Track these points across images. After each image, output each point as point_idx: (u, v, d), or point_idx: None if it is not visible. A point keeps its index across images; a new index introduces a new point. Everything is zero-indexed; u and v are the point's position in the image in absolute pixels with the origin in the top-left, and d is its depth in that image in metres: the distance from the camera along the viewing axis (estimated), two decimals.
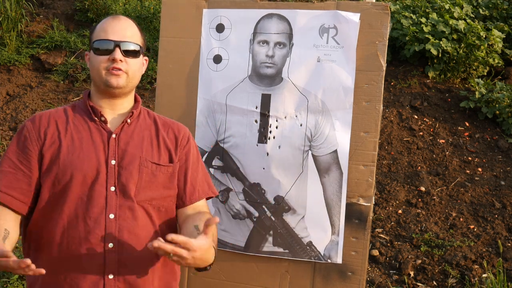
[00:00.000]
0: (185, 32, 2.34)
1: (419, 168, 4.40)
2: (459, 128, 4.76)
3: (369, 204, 2.17)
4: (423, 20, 5.19)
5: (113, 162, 1.69)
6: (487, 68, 5.22)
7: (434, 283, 3.47)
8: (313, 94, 2.20)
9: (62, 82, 5.56)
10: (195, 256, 1.50)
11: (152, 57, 5.47)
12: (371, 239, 3.80)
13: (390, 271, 3.59)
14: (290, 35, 2.23)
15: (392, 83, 5.24)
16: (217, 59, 2.31)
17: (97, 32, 1.75)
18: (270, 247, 2.25)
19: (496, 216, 3.95)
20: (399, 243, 3.78)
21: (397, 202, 4.12)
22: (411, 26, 5.19)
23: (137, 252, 1.68)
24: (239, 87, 2.28)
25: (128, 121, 1.77)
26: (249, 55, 2.27)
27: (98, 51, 1.72)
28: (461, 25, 5.07)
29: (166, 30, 2.36)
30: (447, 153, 4.52)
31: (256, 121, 2.25)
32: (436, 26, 5.13)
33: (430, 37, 5.07)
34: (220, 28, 2.31)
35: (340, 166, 2.18)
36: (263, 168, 2.23)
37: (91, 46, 1.75)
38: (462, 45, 5.05)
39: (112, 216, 1.64)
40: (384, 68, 2.16)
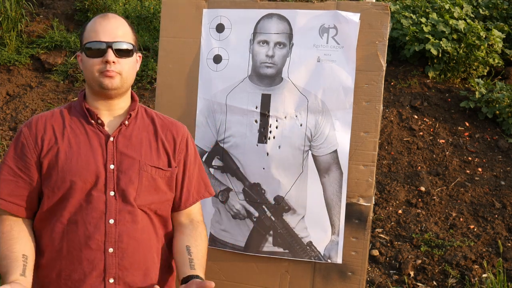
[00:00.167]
0: (185, 32, 2.34)
1: (419, 168, 4.40)
2: (459, 128, 4.76)
3: (369, 204, 2.17)
4: (423, 20, 5.19)
5: (112, 167, 1.67)
6: (487, 68, 5.22)
7: (434, 283, 3.47)
8: (313, 94, 2.20)
9: (62, 82, 5.56)
10: None
11: (152, 57, 5.47)
12: (371, 239, 3.80)
13: (390, 271, 3.59)
14: (290, 35, 2.23)
15: (392, 83, 5.24)
16: (217, 59, 2.31)
17: (88, 33, 1.70)
18: (270, 247, 2.24)
19: (496, 216, 3.96)
20: (399, 243, 3.78)
21: (397, 202, 4.12)
22: (411, 26, 5.19)
23: (137, 256, 1.68)
24: (239, 87, 2.28)
25: (126, 123, 1.74)
26: (249, 55, 2.27)
27: (90, 53, 1.67)
28: (461, 25, 5.07)
29: (166, 30, 2.36)
30: (447, 153, 4.52)
31: (256, 121, 2.25)
32: (436, 26, 5.13)
33: (430, 37, 5.06)
34: (220, 28, 2.31)
35: (340, 166, 2.18)
36: (263, 168, 2.23)
37: (82, 48, 1.71)
38: (462, 45, 5.05)
39: (112, 221, 1.64)
40: (384, 68, 2.16)
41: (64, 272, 1.64)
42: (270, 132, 2.24)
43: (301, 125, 2.21)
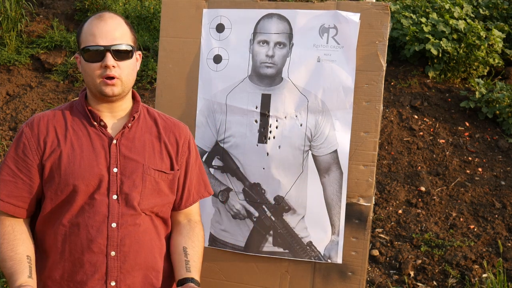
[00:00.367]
0: (185, 32, 2.34)
1: (419, 168, 4.40)
2: (459, 128, 4.76)
3: (369, 204, 2.17)
4: (423, 20, 5.19)
5: (115, 170, 1.65)
6: (487, 68, 5.22)
7: (434, 283, 3.47)
8: (313, 94, 2.20)
9: (62, 82, 5.56)
10: None
11: (152, 57, 5.47)
12: (371, 239, 3.80)
13: (390, 271, 3.59)
14: (290, 35, 2.23)
15: (392, 83, 5.24)
16: (217, 59, 2.31)
17: (85, 36, 1.64)
18: (270, 247, 2.24)
19: (496, 216, 3.95)
20: (399, 243, 3.78)
21: (397, 202, 4.12)
22: (411, 26, 5.19)
23: (139, 258, 1.67)
24: (239, 87, 2.27)
25: (129, 125, 1.71)
26: (249, 55, 2.27)
27: (89, 58, 1.63)
28: (461, 25, 5.07)
29: (166, 30, 2.36)
30: (447, 153, 4.52)
31: (256, 121, 2.25)
32: (436, 26, 5.13)
33: (430, 37, 5.06)
34: (220, 28, 2.31)
35: (340, 166, 2.18)
36: (263, 168, 2.23)
37: (80, 52, 1.66)
38: (462, 45, 5.05)
39: (114, 225, 1.63)
40: (384, 68, 2.15)
41: (67, 274, 1.64)
42: (270, 132, 2.24)
43: (301, 125, 2.21)
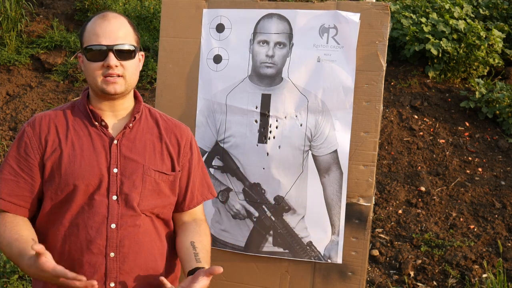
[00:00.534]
0: (185, 32, 2.34)
1: (419, 168, 4.40)
2: (459, 128, 4.76)
3: (369, 204, 2.17)
4: (423, 20, 5.19)
5: (115, 171, 1.65)
6: (487, 68, 5.22)
7: (434, 283, 3.47)
8: (313, 94, 2.20)
9: (62, 82, 5.56)
10: None
11: (152, 57, 5.47)
12: (371, 239, 3.80)
13: (390, 271, 3.59)
14: (290, 35, 2.23)
15: (392, 83, 5.24)
16: (217, 59, 2.31)
17: (88, 35, 1.64)
18: (270, 247, 2.24)
19: (496, 216, 3.95)
20: (399, 243, 3.78)
21: (397, 202, 4.12)
22: (411, 26, 5.19)
23: (139, 260, 1.66)
24: (239, 87, 2.27)
25: (130, 125, 1.71)
26: (249, 55, 2.27)
27: (91, 57, 1.63)
28: (461, 25, 5.07)
29: (166, 30, 2.36)
30: (447, 153, 4.52)
31: (256, 121, 2.25)
32: (436, 26, 5.13)
33: (430, 37, 5.06)
34: (220, 28, 2.31)
35: (340, 166, 2.18)
36: (263, 168, 2.23)
37: (83, 51, 1.66)
38: (462, 45, 5.05)
39: (114, 226, 1.62)
40: (384, 68, 2.15)
41: None
42: (270, 132, 2.24)
43: (301, 125, 2.21)
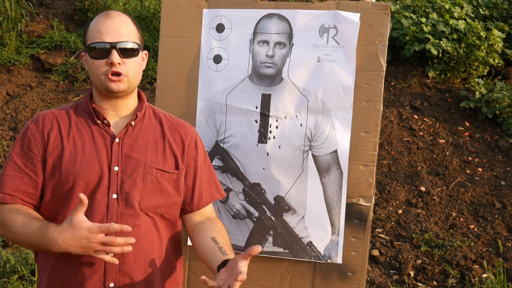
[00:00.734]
0: (185, 32, 2.34)
1: (419, 168, 4.40)
2: (459, 128, 4.76)
3: (369, 204, 2.17)
4: (423, 20, 5.19)
5: (116, 169, 1.64)
6: (487, 68, 5.22)
7: (434, 283, 3.47)
8: (313, 94, 2.20)
9: (62, 82, 5.56)
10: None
11: (152, 57, 5.47)
12: (371, 239, 3.80)
13: (390, 271, 3.59)
14: (290, 35, 2.23)
15: (392, 83, 5.24)
16: (217, 59, 2.31)
17: (91, 33, 1.65)
18: (270, 247, 2.24)
19: (496, 216, 3.96)
20: (399, 243, 3.78)
21: (397, 202, 4.12)
22: (411, 26, 5.19)
23: (139, 261, 1.65)
24: (239, 87, 2.27)
25: (132, 124, 1.70)
26: (249, 55, 2.27)
27: (94, 55, 1.63)
28: (461, 25, 5.07)
29: (166, 30, 2.36)
30: (447, 153, 4.52)
31: (256, 121, 2.25)
32: (436, 26, 5.13)
33: (430, 37, 5.06)
34: (220, 28, 2.31)
35: (340, 166, 2.18)
36: (263, 168, 2.23)
37: (86, 49, 1.67)
38: (462, 45, 5.05)
39: None
40: (384, 68, 2.15)
41: (67, 275, 1.62)
42: (270, 132, 2.24)
43: (301, 125, 2.21)
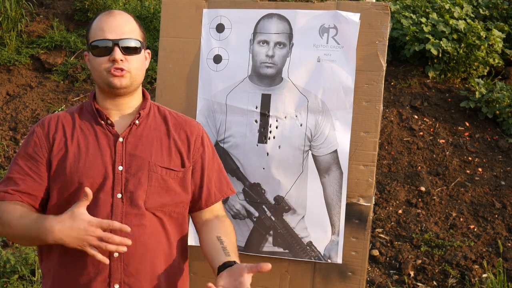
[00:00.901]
0: (185, 32, 2.34)
1: (419, 168, 4.40)
2: (459, 128, 4.76)
3: (369, 204, 2.17)
4: (423, 20, 5.19)
5: (120, 168, 1.63)
6: (487, 68, 5.22)
7: (434, 283, 3.47)
8: (313, 94, 2.20)
9: (62, 82, 5.56)
10: None
11: (152, 57, 5.47)
12: (371, 239, 3.80)
13: (390, 271, 3.59)
14: (290, 35, 2.23)
15: (392, 83, 5.24)
16: (217, 59, 2.31)
17: (94, 31, 1.65)
18: (270, 247, 2.24)
19: (496, 216, 3.96)
20: (399, 243, 3.78)
21: (397, 202, 4.12)
22: (411, 26, 5.19)
23: (144, 262, 1.63)
24: (239, 87, 2.28)
25: (136, 122, 1.69)
26: (249, 55, 2.27)
27: (97, 52, 1.63)
28: (461, 25, 5.07)
29: (166, 30, 2.36)
30: (447, 153, 4.52)
31: (256, 121, 2.25)
32: (436, 26, 5.13)
33: (430, 37, 5.06)
34: (220, 28, 2.31)
35: (340, 166, 2.18)
36: (263, 168, 2.23)
37: (89, 47, 1.67)
38: (462, 45, 5.05)
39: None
40: (384, 68, 2.15)
41: (71, 276, 1.61)
42: (270, 132, 2.24)
43: (301, 125, 2.21)
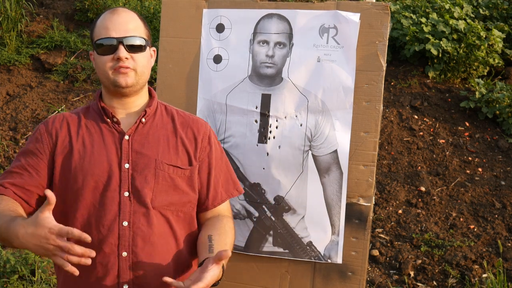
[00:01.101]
0: (185, 32, 2.34)
1: (419, 168, 4.40)
2: (459, 128, 4.76)
3: (369, 204, 2.17)
4: (423, 20, 5.19)
5: (127, 166, 1.61)
6: (487, 68, 5.23)
7: (434, 283, 3.47)
8: (313, 94, 2.20)
9: (62, 82, 5.56)
10: (209, 285, 1.49)
11: None
12: (371, 239, 3.80)
13: (390, 271, 3.59)
14: (290, 35, 2.23)
15: (392, 83, 5.24)
16: (217, 59, 2.31)
17: (98, 30, 1.64)
18: (270, 247, 2.24)
19: (496, 216, 3.96)
20: (399, 243, 3.78)
21: (397, 202, 4.12)
22: (411, 26, 5.19)
23: (153, 261, 1.61)
24: (239, 87, 2.28)
25: (143, 121, 1.68)
26: (249, 55, 2.27)
27: (101, 51, 1.62)
28: (461, 25, 5.07)
29: (166, 30, 2.36)
30: (447, 153, 4.52)
31: (256, 121, 2.25)
32: (436, 26, 5.13)
33: (430, 37, 5.06)
34: (220, 28, 2.31)
35: (340, 166, 2.18)
36: (263, 168, 2.23)
37: (93, 46, 1.66)
38: (462, 45, 5.05)
39: (126, 224, 1.58)
40: (384, 68, 2.15)
41: (81, 275, 1.56)
42: (270, 132, 2.24)
43: (301, 125, 2.21)
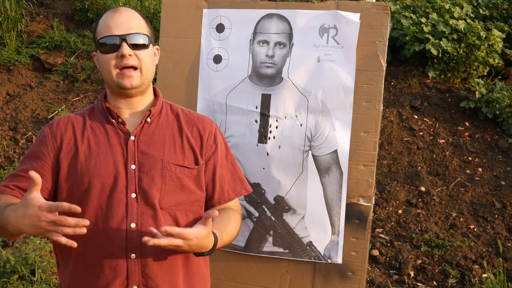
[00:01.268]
0: (185, 32, 2.34)
1: (419, 168, 4.40)
2: (459, 128, 4.76)
3: (369, 204, 2.17)
4: (423, 20, 5.19)
5: (133, 167, 1.59)
6: (487, 68, 5.22)
7: (434, 283, 3.47)
8: (313, 94, 2.20)
9: (62, 82, 5.56)
10: (191, 244, 1.47)
11: None
12: (371, 239, 3.80)
13: (390, 271, 3.59)
14: (290, 35, 2.23)
15: (392, 83, 5.24)
16: (217, 59, 2.31)
17: (100, 29, 1.63)
18: (270, 247, 2.24)
19: (496, 216, 3.96)
20: (399, 243, 3.78)
21: (397, 202, 4.12)
22: (411, 26, 5.19)
23: (162, 262, 1.59)
24: (239, 87, 2.28)
25: (148, 120, 1.66)
26: (249, 55, 2.27)
27: (105, 49, 1.61)
28: (461, 25, 5.07)
29: (166, 30, 2.36)
30: (447, 153, 4.52)
31: (256, 121, 2.25)
32: (436, 26, 5.13)
33: (430, 37, 5.06)
34: (220, 28, 2.31)
35: (340, 166, 2.18)
36: (263, 168, 2.23)
37: (96, 45, 1.65)
38: (462, 45, 5.05)
39: (134, 225, 1.56)
40: (384, 68, 2.16)
41: (89, 279, 1.59)
42: (270, 132, 2.24)
43: (301, 125, 2.21)
